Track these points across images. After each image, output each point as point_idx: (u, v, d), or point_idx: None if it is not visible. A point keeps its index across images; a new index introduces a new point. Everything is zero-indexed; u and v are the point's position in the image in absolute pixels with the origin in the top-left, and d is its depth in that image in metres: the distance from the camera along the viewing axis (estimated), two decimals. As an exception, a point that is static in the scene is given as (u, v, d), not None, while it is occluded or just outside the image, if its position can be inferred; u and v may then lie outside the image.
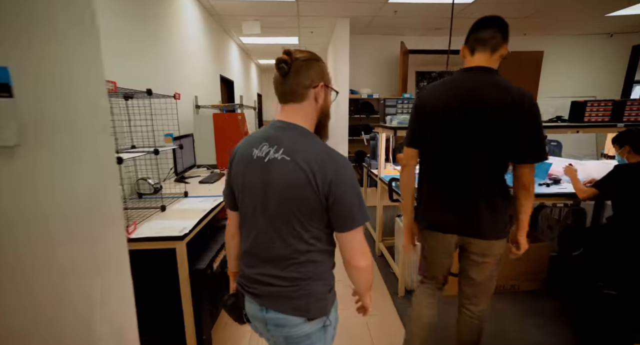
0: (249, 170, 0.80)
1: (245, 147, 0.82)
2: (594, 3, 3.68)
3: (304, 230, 0.77)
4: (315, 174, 0.72)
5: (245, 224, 0.85)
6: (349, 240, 0.77)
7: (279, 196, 0.76)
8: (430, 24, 4.42)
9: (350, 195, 0.74)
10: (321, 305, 0.82)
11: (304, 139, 0.78)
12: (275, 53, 6.35)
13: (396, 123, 2.25)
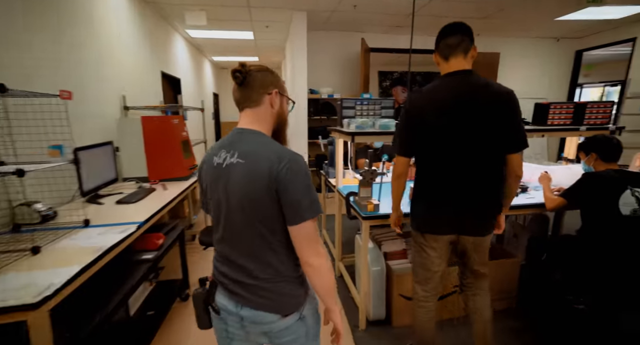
0: (213, 178, 0.83)
1: (209, 156, 0.86)
2: (546, 6, 3.72)
3: (267, 229, 0.80)
4: (267, 171, 0.75)
5: (215, 228, 0.88)
6: (298, 234, 0.78)
7: (239, 199, 0.78)
8: (391, 21, 4.25)
9: (299, 188, 0.76)
10: (293, 302, 0.85)
11: (258, 140, 0.82)
12: (231, 49, 5.85)
13: (354, 127, 1.98)
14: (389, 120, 2.04)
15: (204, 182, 0.88)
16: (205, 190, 0.88)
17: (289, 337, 0.86)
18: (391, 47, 4.85)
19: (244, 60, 0.86)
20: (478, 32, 4.84)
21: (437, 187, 1.28)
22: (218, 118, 8.35)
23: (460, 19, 1.26)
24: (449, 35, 1.24)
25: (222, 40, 5.21)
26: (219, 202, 0.83)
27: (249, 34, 4.82)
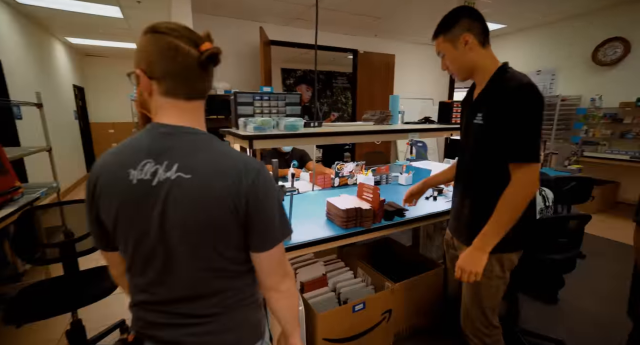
0: (128, 200, 0.61)
1: (114, 168, 0.61)
2: (431, 13, 3.97)
3: (222, 258, 0.64)
4: (229, 189, 0.59)
5: (138, 269, 0.65)
6: (268, 260, 0.67)
7: (184, 227, 0.60)
8: (292, 11, 3.90)
9: (270, 209, 0.64)
10: (254, 330, 0.73)
11: (207, 145, 0.63)
12: (95, 29, 4.48)
13: (252, 129, 1.51)
14: (295, 119, 1.64)
15: (108, 207, 0.63)
16: (102, 214, 0.64)
17: None
18: (293, 41, 4.53)
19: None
20: (375, 33, 4.97)
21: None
22: (85, 118, 6.60)
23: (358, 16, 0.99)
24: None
25: (76, 14, 3.94)
26: (145, 234, 0.62)
27: (115, 10, 3.77)
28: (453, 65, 1.11)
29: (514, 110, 0.96)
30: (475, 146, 1.10)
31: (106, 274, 1.63)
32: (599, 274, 2.40)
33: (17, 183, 1.87)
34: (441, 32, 1.09)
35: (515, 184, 0.98)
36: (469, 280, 1.03)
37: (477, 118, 1.07)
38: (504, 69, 1.05)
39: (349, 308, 1.49)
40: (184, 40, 0.61)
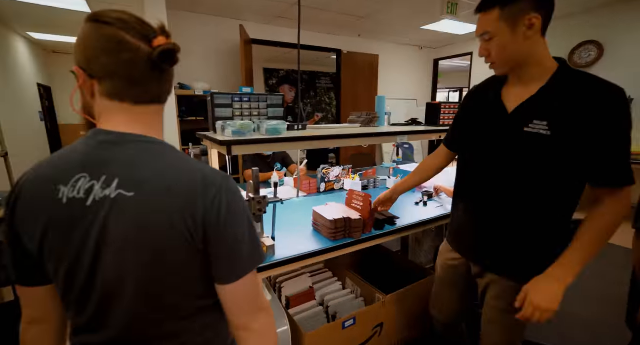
0: (56, 224, 0.50)
1: (39, 183, 0.50)
2: (414, 14, 3.95)
3: (177, 293, 0.53)
4: (182, 210, 0.49)
5: (72, 307, 0.54)
6: (236, 293, 0.54)
7: (127, 257, 0.49)
8: (273, 9, 3.77)
9: (235, 233, 0.52)
10: None
11: (152, 156, 0.51)
12: (59, 23, 4.21)
13: (230, 133, 1.38)
14: (278, 123, 1.53)
15: (31, 231, 0.50)
16: (24, 239, 0.51)
17: None
18: (275, 40, 4.40)
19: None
20: (359, 33, 4.91)
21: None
22: (54, 119, 6.18)
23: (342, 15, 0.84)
24: None
25: (39, 7, 3.65)
26: (77, 264, 0.50)
27: (81, 3, 3.51)
28: (503, 54, 0.86)
29: (615, 124, 0.77)
30: (531, 161, 0.88)
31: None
32: (593, 277, 2.41)
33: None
34: (499, 2, 0.82)
35: (611, 211, 0.82)
36: (541, 319, 0.83)
37: (536, 126, 0.85)
38: (568, 66, 0.85)
39: (338, 325, 1.39)
40: (131, 33, 0.50)
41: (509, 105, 0.92)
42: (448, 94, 10.47)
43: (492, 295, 1.01)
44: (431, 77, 6.42)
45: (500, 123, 0.93)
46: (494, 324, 1.02)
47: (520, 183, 0.91)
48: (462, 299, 1.18)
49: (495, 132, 0.95)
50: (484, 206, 1.00)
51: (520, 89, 0.90)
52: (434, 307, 1.27)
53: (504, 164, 0.94)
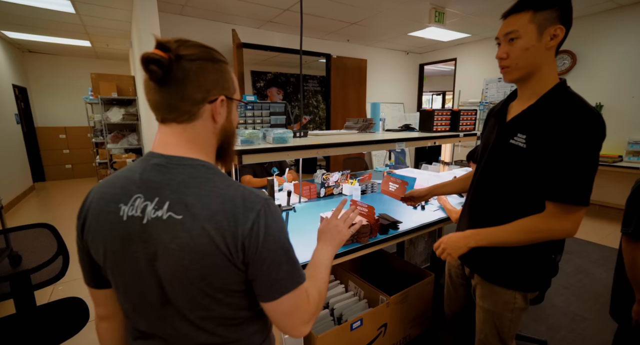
0: (117, 238, 0.54)
1: (104, 202, 0.55)
2: (402, 21, 4.08)
3: (222, 305, 0.56)
4: (224, 234, 0.51)
5: (132, 315, 0.59)
6: (277, 310, 0.57)
7: (177, 273, 0.52)
8: (264, 14, 3.78)
9: (274, 254, 0.54)
10: None
11: (199, 181, 0.54)
12: (40, 23, 4.03)
13: (239, 142, 1.41)
14: (284, 131, 1.57)
15: (97, 243, 0.55)
16: (91, 250, 0.57)
17: None
18: (265, 44, 4.41)
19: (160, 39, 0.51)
20: (348, 38, 5.00)
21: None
22: (30, 122, 5.90)
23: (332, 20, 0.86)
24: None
25: (16, 5, 3.50)
26: (136, 276, 0.54)
27: (66, 4, 3.40)
28: (520, 57, 0.87)
29: (579, 144, 0.81)
30: (510, 172, 0.95)
31: (71, 308, 1.43)
32: (567, 271, 2.58)
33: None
34: (534, 6, 0.84)
35: (554, 226, 0.86)
36: (441, 256, 1.00)
37: (517, 139, 0.91)
38: (565, 87, 0.88)
39: (347, 327, 1.44)
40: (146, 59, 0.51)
41: (508, 117, 0.99)
42: (432, 97, 10.76)
43: (478, 295, 1.10)
44: (417, 81, 6.61)
45: (497, 132, 1.00)
46: (483, 322, 1.10)
47: (500, 192, 0.98)
48: (467, 296, 1.26)
49: (492, 141, 1.02)
50: (473, 212, 1.09)
51: (520, 103, 0.96)
52: (447, 304, 1.35)
53: (490, 172, 1.01)
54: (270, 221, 0.54)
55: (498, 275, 1.02)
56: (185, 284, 0.53)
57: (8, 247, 1.46)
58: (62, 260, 1.48)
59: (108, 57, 6.52)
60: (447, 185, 1.41)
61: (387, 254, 2.16)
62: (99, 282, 0.62)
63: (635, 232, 1.03)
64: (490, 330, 1.08)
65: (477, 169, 1.13)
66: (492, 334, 1.08)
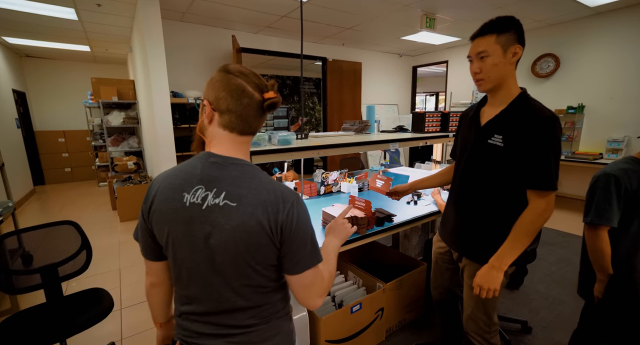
0: (180, 220, 0.69)
1: (170, 191, 0.70)
2: (395, 26, 4.26)
3: (260, 276, 0.71)
4: (269, 219, 0.66)
5: (185, 283, 0.73)
6: (299, 282, 0.72)
7: (228, 248, 0.67)
8: (263, 20, 3.93)
9: (304, 236, 0.70)
10: (288, 339, 0.80)
11: (249, 177, 0.70)
12: (40, 29, 4.12)
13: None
14: (287, 134, 1.72)
15: (161, 223, 0.71)
16: (155, 228, 0.73)
17: None
18: (263, 49, 4.55)
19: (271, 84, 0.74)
20: (343, 42, 5.17)
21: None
22: (29, 126, 5.96)
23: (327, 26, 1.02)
24: None
25: (18, 13, 3.59)
26: (192, 251, 0.70)
27: (69, 11, 3.51)
28: (491, 72, 1.06)
29: (544, 142, 1.00)
30: (490, 167, 1.11)
31: (96, 298, 1.56)
32: (550, 261, 2.77)
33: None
34: (495, 31, 1.03)
35: (535, 210, 1.03)
36: (488, 296, 1.08)
37: (495, 139, 1.09)
38: (527, 95, 1.08)
39: (347, 310, 1.59)
40: (251, 85, 0.69)
41: (482, 121, 1.17)
42: (425, 98, 10.98)
43: (466, 275, 1.26)
44: (410, 83, 6.80)
45: (475, 135, 1.17)
46: (469, 298, 1.26)
47: (483, 184, 1.15)
48: (451, 280, 1.42)
49: (471, 141, 1.19)
50: (459, 203, 1.25)
51: (492, 109, 1.15)
52: (433, 288, 1.51)
53: (473, 168, 1.18)
54: (301, 211, 0.70)
55: (482, 255, 1.17)
56: (234, 257, 0.67)
57: (21, 246, 1.57)
58: (85, 254, 1.61)
59: (106, 61, 6.60)
60: (427, 180, 1.57)
61: (384, 247, 2.32)
62: (155, 256, 0.77)
63: (592, 221, 1.19)
64: (476, 304, 1.23)
65: (457, 166, 1.29)
66: (477, 307, 1.23)
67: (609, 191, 1.16)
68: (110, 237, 3.44)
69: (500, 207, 1.13)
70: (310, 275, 0.71)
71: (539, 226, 1.06)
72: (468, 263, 1.24)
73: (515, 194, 1.09)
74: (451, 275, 1.42)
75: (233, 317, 0.72)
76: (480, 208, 1.17)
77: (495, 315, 1.26)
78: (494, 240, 1.14)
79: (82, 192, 5.52)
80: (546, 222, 1.05)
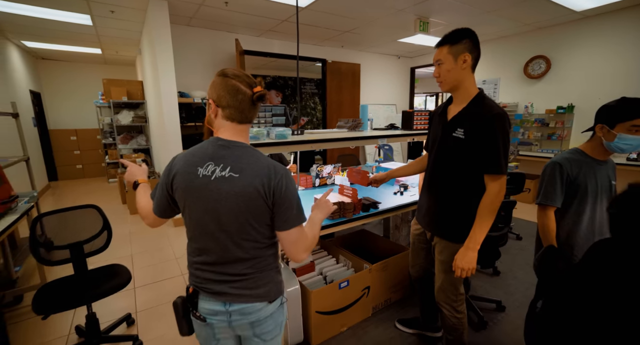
0: (195, 188, 0.88)
1: (187, 166, 0.89)
2: (391, 29, 4.45)
3: (256, 232, 0.90)
4: (263, 186, 0.85)
5: (197, 238, 0.93)
6: (285, 238, 0.91)
7: (232, 209, 0.86)
8: (265, 24, 4.15)
9: (291, 200, 0.89)
10: (277, 287, 0.98)
11: (247, 154, 0.89)
12: (57, 34, 4.43)
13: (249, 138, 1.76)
14: (284, 129, 1.92)
15: (179, 190, 0.91)
16: (175, 195, 0.92)
17: (272, 324, 0.96)
18: (265, 51, 4.77)
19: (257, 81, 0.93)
20: (342, 44, 5.37)
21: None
22: (43, 125, 6.25)
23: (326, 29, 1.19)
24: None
25: (39, 19, 3.86)
26: (205, 214, 0.88)
27: (85, 18, 3.76)
28: (446, 76, 1.26)
29: (495, 134, 1.19)
30: (455, 156, 1.30)
31: (115, 272, 1.78)
32: (530, 251, 2.94)
33: (13, 192, 1.94)
34: (448, 42, 1.23)
35: (492, 193, 1.22)
36: (467, 275, 1.26)
37: (458, 132, 1.27)
38: (482, 95, 1.27)
39: (335, 285, 1.79)
40: (244, 84, 0.88)
41: (448, 117, 1.35)
42: (425, 98, 11.11)
43: (437, 251, 1.45)
44: (408, 84, 6.97)
45: (442, 129, 1.36)
46: (439, 271, 1.46)
47: (450, 172, 1.33)
48: (426, 258, 1.62)
49: (439, 135, 1.37)
50: (431, 188, 1.44)
51: (455, 107, 1.33)
52: (411, 266, 1.70)
53: (441, 158, 1.36)
54: (289, 181, 0.89)
55: (450, 234, 1.37)
56: (237, 217, 0.86)
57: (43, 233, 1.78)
58: (106, 234, 1.83)
59: (116, 63, 6.88)
60: (402, 169, 1.76)
61: (375, 236, 2.52)
62: (161, 214, 0.98)
63: (540, 201, 1.38)
64: (445, 277, 1.43)
65: (429, 157, 1.49)
66: (447, 279, 1.43)
67: (554, 177, 1.35)
68: (121, 227, 3.68)
69: (464, 191, 1.32)
70: (296, 232, 0.90)
71: (497, 206, 1.24)
72: (438, 241, 1.44)
73: (475, 179, 1.28)
74: (426, 254, 1.61)
75: (234, 267, 0.91)
76: (447, 192, 1.36)
77: (461, 287, 1.46)
78: (459, 219, 1.33)
79: (93, 188, 5.79)
80: (501, 200, 1.25)
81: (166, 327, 1.94)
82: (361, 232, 2.59)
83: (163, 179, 0.94)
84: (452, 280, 1.42)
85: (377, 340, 1.81)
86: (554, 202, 1.34)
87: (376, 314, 2.04)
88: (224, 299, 0.91)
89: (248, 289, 0.92)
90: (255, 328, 0.94)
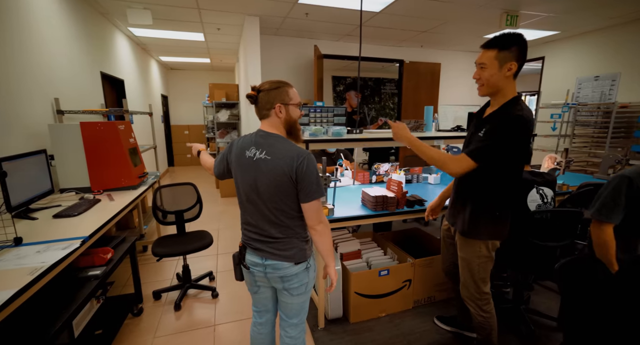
0: (243, 166, 1.15)
1: (239, 149, 1.17)
2: (475, 25, 4.18)
3: (285, 204, 1.11)
4: (289, 166, 1.07)
5: (244, 204, 1.20)
6: (308, 209, 1.11)
7: (267, 184, 1.10)
8: (342, 30, 4.43)
9: (310, 178, 1.08)
10: (302, 253, 1.18)
11: (278, 142, 1.11)
12: (180, 49, 5.59)
13: (308, 135, 2.05)
14: (340, 128, 2.15)
15: (232, 165, 1.20)
16: (233, 170, 1.20)
17: (297, 282, 1.18)
18: (342, 54, 5.05)
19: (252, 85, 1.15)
20: (421, 43, 5.26)
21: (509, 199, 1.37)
22: (168, 121, 7.88)
23: (403, 31, 1.26)
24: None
25: (170, 40, 4.96)
26: (249, 185, 1.14)
27: (199, 35, 4.66)
28: (488, 81, 1.24)
29: (497, 128, 1.20)
30: None
31: (202, 236, 2.30)
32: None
33: (145, 170, 2.66)
34: (497, 47, 1.20)
35: (455, 160, 1.26)
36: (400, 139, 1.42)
37: (481, 132, 1.27)
38: (516, 99, 1.25)
39: (375, 272, 1.94)
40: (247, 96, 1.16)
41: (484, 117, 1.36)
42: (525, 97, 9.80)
43: (458, 248, 1.47)
44: (498, 82, 6.34)
45: (473, 129, 1.37)
46: (461, 267, 1.47)
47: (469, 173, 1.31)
48: (455, 254, 1.59)
49: (469, 135, 1.40)
50: (455, 186, 1.50)
51: (491, 109, 1.34)
52: (442, 261, 1.74)
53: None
54: (310, 162, 1.08)
55: (468, 231, 1.39)
56: (269, 189, 1.10)
57: (161, 204, 2.40)
58: (198, 207, 2.38)
59: (219, 69, 8.16)
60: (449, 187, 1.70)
61: (427, 235, 2.54)
62: (220, 176, 1.30)
63: (593, 214, 1.26)
64: (466, 273, 1.45)
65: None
66: (468, 276, 1.45)
67: (619, 190, 1.22)
68: (213, 207, 4.47)
69: (479, 188, 1.34)
70: (315, 204, 1.11)
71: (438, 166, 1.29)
72: (459, 237, 1.47)
73: (491, 178, 1.29)
74: (454, 250, 1.62)
75: (268, 230, 1.14)
76: (465, 189, 1.41)
77: (487, 287, 1.45)
78: (474, 215, 1.35)
79: (198, 174, 7.06)
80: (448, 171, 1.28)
81: (236, 286, 2.40)
82: (416, 230, 2.63)
83: (225, 151, 1.27)
84: (472, 275, 1.43)
85: (412, 329, 1.89)
86: (608, 218, 1.22)
87: (417, 308, 2.10)
88: (262, 255, 1.16)
89: (278, 250, 1.15)
90: (284, 282, 1.17)
